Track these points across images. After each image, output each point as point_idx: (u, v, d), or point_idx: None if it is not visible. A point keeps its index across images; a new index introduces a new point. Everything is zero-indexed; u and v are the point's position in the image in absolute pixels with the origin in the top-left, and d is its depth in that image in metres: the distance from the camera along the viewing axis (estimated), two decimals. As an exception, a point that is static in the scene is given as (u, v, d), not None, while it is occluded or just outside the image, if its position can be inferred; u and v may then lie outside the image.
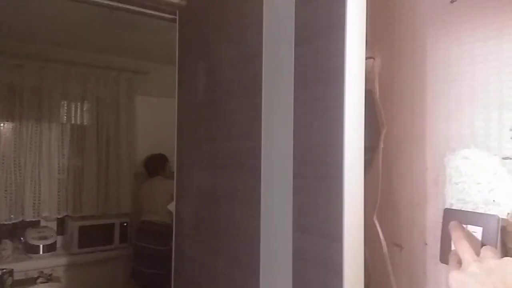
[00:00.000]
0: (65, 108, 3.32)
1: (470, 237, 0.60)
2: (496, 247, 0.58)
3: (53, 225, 3.28)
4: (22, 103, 3.08)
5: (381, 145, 0.78)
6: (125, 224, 3.32)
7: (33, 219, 3.14)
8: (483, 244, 0.59)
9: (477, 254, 0.56)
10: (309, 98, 0.76)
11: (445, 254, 0.64)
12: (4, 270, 2.59)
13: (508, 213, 0.59)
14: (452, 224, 0.62)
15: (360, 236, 0.67)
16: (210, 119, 1.08)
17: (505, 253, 0.59)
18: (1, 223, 3.02)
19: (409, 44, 0.75)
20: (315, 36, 0.74)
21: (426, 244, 0.71)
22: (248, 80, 0.93)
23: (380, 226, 0.75)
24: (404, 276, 0.74)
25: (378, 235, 0.74)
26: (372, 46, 0.81)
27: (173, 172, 1.30)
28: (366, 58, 0.71)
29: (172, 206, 1.27)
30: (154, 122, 3.49)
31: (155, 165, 3.31)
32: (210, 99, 1.09)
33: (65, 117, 3.33)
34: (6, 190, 3.03)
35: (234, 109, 0.98)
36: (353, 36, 0.67)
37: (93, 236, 3.18)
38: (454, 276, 0.54)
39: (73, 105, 3.36)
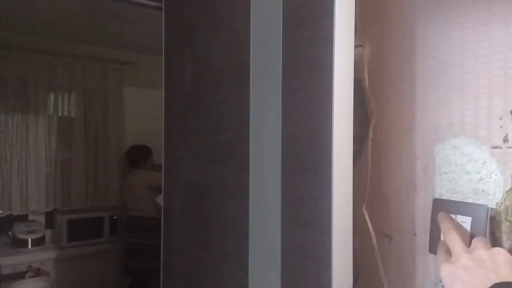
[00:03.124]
0: (52, 100, 3.26)
1: (459, 227, 0.59)
2: (485, 237, 0.57)
3: (42, 218, 3.24)
4: (7, 95, 3.02)
5: (370, 135, 0.77)
6: (114, 217, 3.29)
7: (21, 213, 3.10)
8: (472, 234, 0.58)
9: (466, 244, 0.56)
10: (297, 87, 0.74)
11: (435, 244, 0.63)
12: (-8, 265, 2.56)
13: (497, 203, 0.59)
14: (441, 215, 0.61)
15: (349, 227, 0.67)
16: (197, 110, 1.06)
17: (494, 242, 0.58)
18: (-12, 217, 2.98)
19: (399, 32, 0.74)
20: (303, 24, 0.72)
21: (415, 234, 0.71)
22: (235, 69, 0.91)
23: (369, 217, 0.74)
24: (393, 267, 0.74)
25: (367, 226, 0.74)
26: (361, 34, 0.79)
27: (156, 165, 1.28)
28: (355, 47, 0.69)
29: (160, 199, 1.25)
30: (143, 113, 3.44)
31: (137, 156, 3.22)
32: (197, 90, 1.07)
33: (52, 109, 3.27)
34: (-8, 184, 2.99)
35: (221, 100, 0.96)
36: (341, 23, 0.66)
37: (82, 229, 3.15)
38: (446, 269, 0.54)
39: (60, 97, 3.30)
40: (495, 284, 0.48)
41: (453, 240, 0.55)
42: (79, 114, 3.36)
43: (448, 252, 0.56)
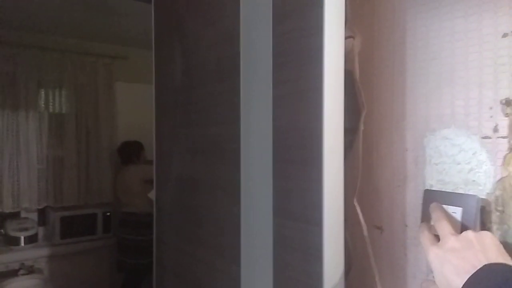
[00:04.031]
0: (42, 96, 3.22)
1: (450, 218, 0.59)
2: (476, 227, 0.57)
3: (34, 216, 3.21)
4: (-4, 91, 2.98)
5: (361, 127, 0.76)
6: (107, 213, 3.27)
7: (13, 211, 3.07)
8: (463, 225, 0.58)
9: (457, 233, 0.56)
10: (287, 79, 0.73)
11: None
12: (-16, 263, 2.53)
13: (487, 193, 0.58)
14: (432, 205, 0.61)
15: (340, 219, 0.66)
16: (188, 103, 1.05)
17: (484, 232, 0.58)
18: (-21, 215, 2.95)
19: (389, 22, 0.73)
20: (293, 14, 0.72)
21: (406, 225, 0.70)
22: (225, 61, 0.90)
23: (361, 209, 0.74)
24: (384, 258, 0.74)
25: (359, 218, 0.74)
26: (351, 25, 0.78)
27: (149, 161, 1.27)
28: (346, 38, 0.69)
29: (152, 194, 1.25)
30: (135, 109, 3.41)
31: (129, 152, 3.20)
32: (187, 83, 1.06)
33: (43, 105, 3.23)
34: (-17, 182, 2.95)
35: (212, 93, 0.95)
36: (331, 14, 0.65)
37: (75, 226, 3.13)
38: (434, 252, 0.53)
39: (51, 93, 3.25)
40: (485, 265, 0.47)
41: (443, 227, 0.55)
42: (70, 110, 3.32)
43: (436, 236, 0.56)
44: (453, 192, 0.62)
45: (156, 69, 1.24)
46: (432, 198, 0.64)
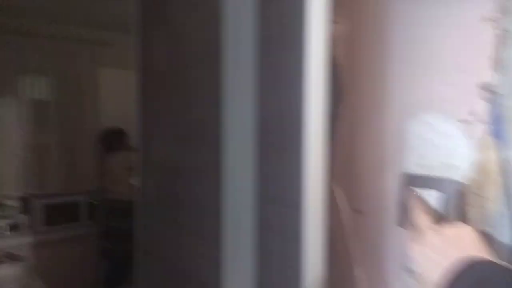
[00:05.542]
0: (24, 82, 3.15)
1: (426, 204, 0.60)
2: (453, 210, 0.59)
3: (16, 204, 3.16)
4: (-25, 77, 2.90)
5: (344, 112, 0.77)
6: (92, 201, 3.24)
7: (-5, 199, 3.02)
8: (440, 209, 0.59)
9: (434, 219, 0.57)
10: (270, 63, 0.73)
11: (404, 219, 0.64)
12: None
13: (464, 176, 0.59)
14: (409, 192, 0.62)
15: (320, 203, 0.67)
16: (171, 88, 1.04)
17: (461, 215, 0.59)
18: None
19: (372, 7, 0.73)
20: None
21: (385, 209, 0.71)
22: (208, 45, 0.88)
23: (341, 193, 0.75)
24: (364, 241, 0.75)
25: (339, 202, 0.74)
26: (335, 9, 0.78)
27: (134, 147, 1.26)
28: (329, 22, 0.68)
29: (135, 180, 1.24)
30: (120, 96, 3.36)
31: (112, 139, 3.15)
32: (170, 67, 1.04)
33: (24, 92, 3.16)
34: (-37, 169, 2.89)
35: (194, 77, 0.94)
36: (314, -2, 0.65)
37: (59, 214, 3.09)
38: (415, 249, 0.55)
39: (33, 80, 3.18)
40: (463, 260, 0.49)
41: (421, 218, 0.56)
42: (53, 97, 3.25)
43: (417, 229, 0.57)
44: (430, 176, 0.63)
45: (138, 54, 1.21)
46: (410, 182, 0.65)
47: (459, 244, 0.51)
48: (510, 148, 0.54)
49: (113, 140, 3.16)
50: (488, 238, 0.56)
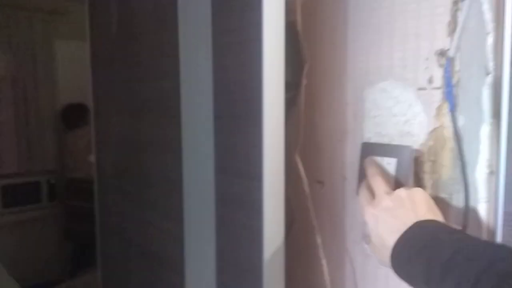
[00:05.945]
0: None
1: (384, 172, 0.60)
2: (409, 177, 0.59)
3: (-29, 185, 3.00)
4: None
5: (304, 81, 0.75)
6: (52, 181, 3.12)
7: None
8: (397, 176, 0.60)
9: (391, 187, 0.57)
10: (226, 29, 0.69)
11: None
12: None
13: (421, 144, 0.60)
14: (367, 160, 0.62)
15: (281, 174, 0.66)
16: (125, 58, 0.98)
17: (417, 182, 0.60)
18: None
19: (332, -29, 0.70)
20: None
21: (345, 179, 0.71)
22: (162, 11, 0.83)
23: (302, 164, 0.74)
24: (324, 212, 0.75)
25: (300, 172, 0.74)
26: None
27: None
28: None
29: (92, 157, 1.18)
30: (78, 69, 3.19)
31: (72, 115, 3.03)
32: (125, 35, 0.98)
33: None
34: None
35: (149, 46, 0.89)
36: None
37: (18, 195, 2.97)
38: (370, 212, 0.55)
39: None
40: (415, 223, 0.49)
41: (377, 185, 0.57)
42: (5, 72, 3.04)
43: (372, 194, 0.58)
44: (388, 144, 0.63)
45: (91, 23, 1.14)
46: (369, 150, 0.64)
47: (413, 207, 0.51)
48: (461, 114, 0.55)
49: (74, 116, 3.03)
50: (442, 203, 0.57)
